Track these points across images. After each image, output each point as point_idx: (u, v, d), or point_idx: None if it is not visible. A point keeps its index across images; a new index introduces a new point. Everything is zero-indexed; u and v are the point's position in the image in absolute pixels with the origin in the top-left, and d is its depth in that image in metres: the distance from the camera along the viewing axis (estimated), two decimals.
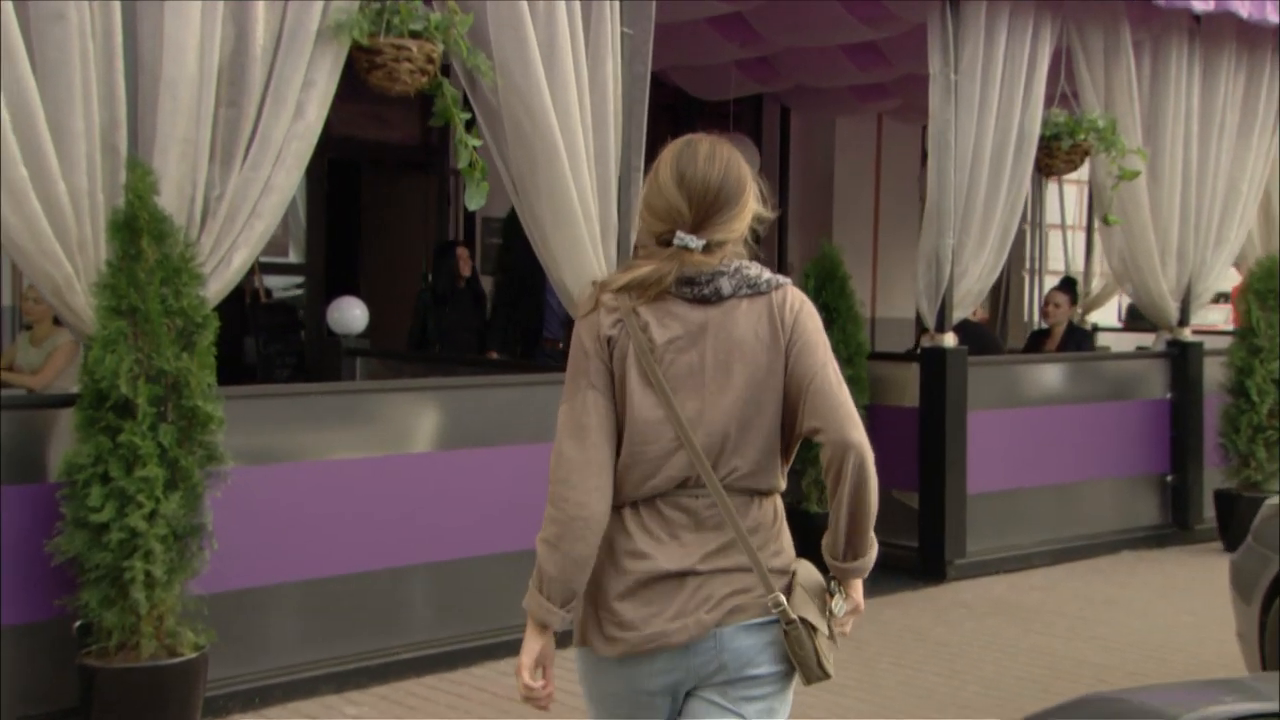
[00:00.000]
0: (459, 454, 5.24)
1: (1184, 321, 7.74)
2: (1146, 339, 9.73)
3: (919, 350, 6.89)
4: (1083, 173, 10.46)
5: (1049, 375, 7.39)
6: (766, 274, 2.35)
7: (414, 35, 4.73)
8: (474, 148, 5.01)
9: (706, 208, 2.29)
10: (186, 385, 4.01)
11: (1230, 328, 8.63)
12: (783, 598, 2.25)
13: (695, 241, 2.27)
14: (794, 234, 11.11)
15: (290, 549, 4.76)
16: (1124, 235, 7.48)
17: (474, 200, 5.06)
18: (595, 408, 2.28)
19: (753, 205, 2.35)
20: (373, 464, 4.99)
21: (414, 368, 7.24)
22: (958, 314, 6.80)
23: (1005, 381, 7.12)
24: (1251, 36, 7.73)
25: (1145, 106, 7.35)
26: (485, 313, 8.45)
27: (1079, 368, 7.53)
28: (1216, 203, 7.76)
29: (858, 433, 2.26)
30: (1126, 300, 11.82)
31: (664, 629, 2.24)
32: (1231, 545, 7.49)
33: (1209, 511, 7.74)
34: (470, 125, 5.04)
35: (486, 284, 9.24)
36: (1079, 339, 8.02)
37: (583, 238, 5.32)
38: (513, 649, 5.21)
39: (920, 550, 6.78)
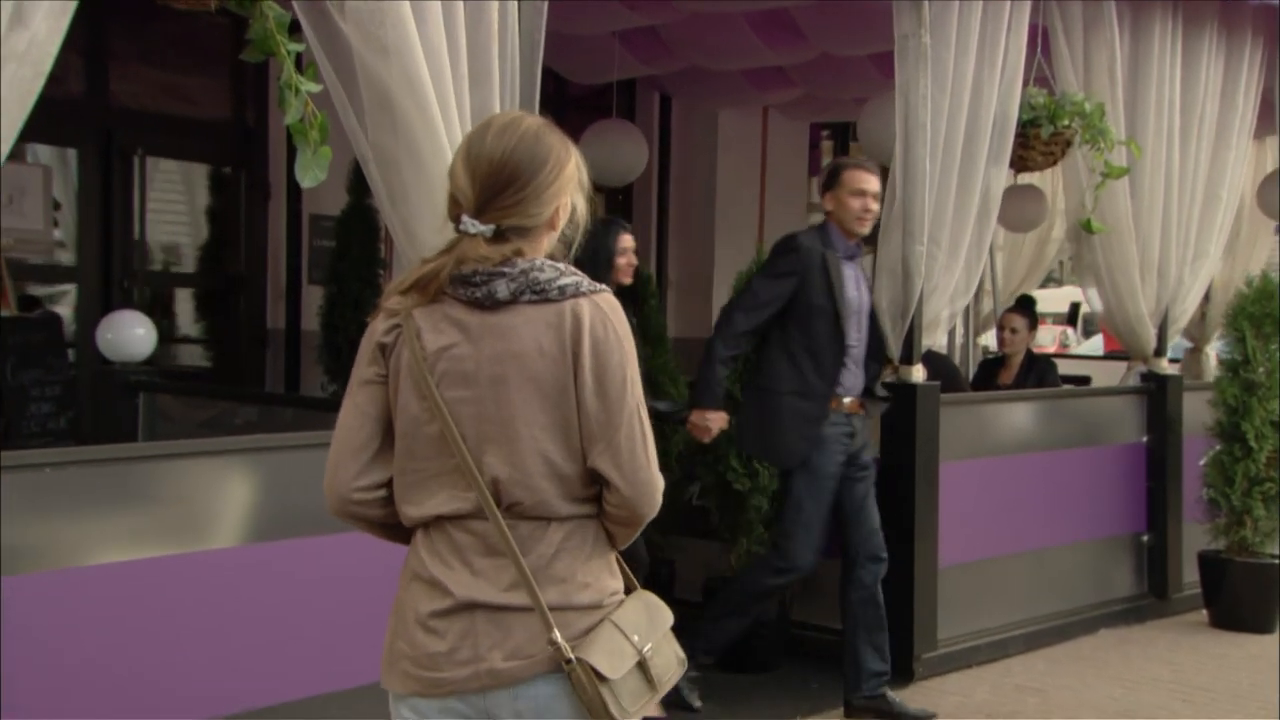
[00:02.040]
0: (283, 547, 3.56)
1: (1161, 351, 6.54)
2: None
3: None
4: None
5: (1020, 416, 6.06)
6: (567, 279, 2.07)
7: None
8: (308, 95, 3.37)
9: (490, 186, 2.05)
10: None
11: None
12: (558, 635, 2.01)
13: (475, 226, 2.05)
14: (674, 243, 9.64)
15: (17, 708, 3.01)
16: (1100, 247, 6.23)
17: (308, 172, 3.39)
18: (343, 421, 2.15)
19: (561, 190, 2.10)
20: (155, 568, 3.29)
21: (222, 407, 5.47)
22: (926, 340, 5.43)
23: (977, 425, 5.76)
24: (1231, 17, 6.60)
25: (1127, 91, 6.12)
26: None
27: (1050, 407, 6.23)
28: (1195, 210, 6.60)
29: (652, 505, 2.10)
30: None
31: (455, 675, 2.04)
32: (1221, 619, 6.33)
33: (1188, 574, 6.56)
34: (304, 64, 3.42)
35: (316, 295, 7.56)
36: (1041, 371, 6.73)
37: None
38: None
39: None
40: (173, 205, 7.43)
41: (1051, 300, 19.09)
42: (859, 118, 6.92)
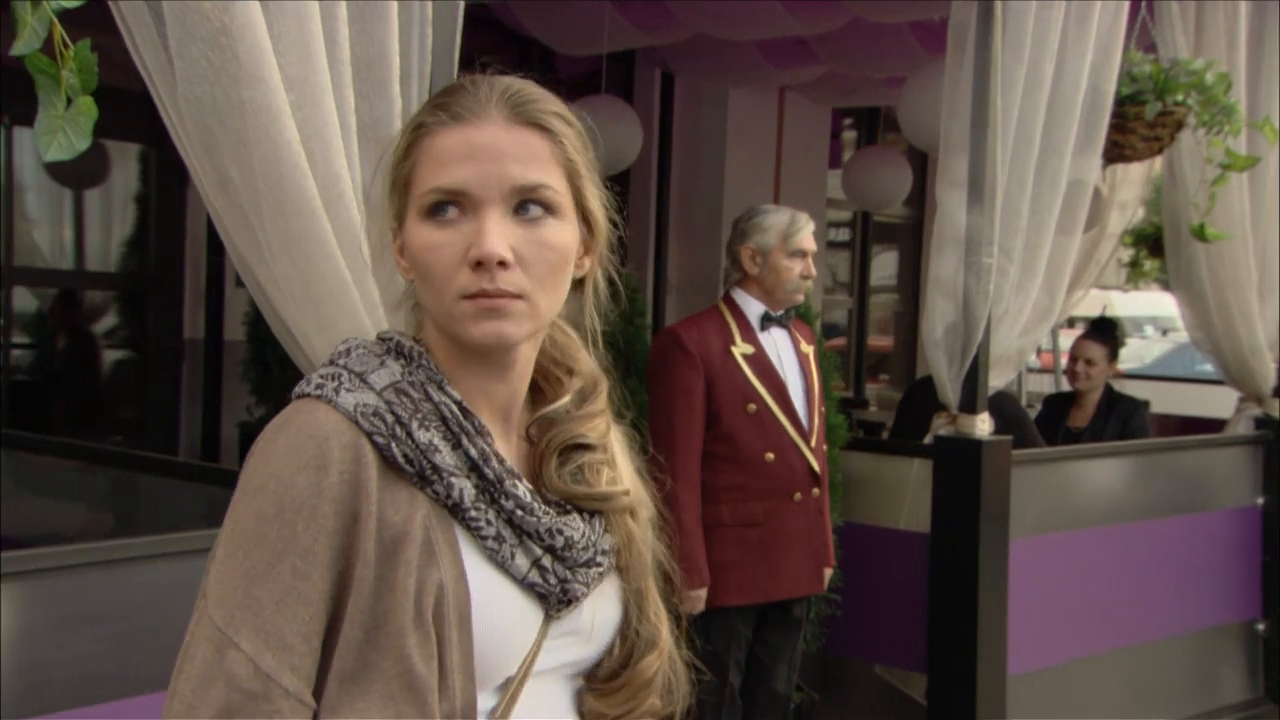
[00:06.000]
0: None
1: None
2: None
3: (932, 438, 4.16)
4: None
5: (1106, 476, 4.75)
6: (315, 374, 1.28)
7: None
8: (55, 16, 2.12)
9: None
10: None
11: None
12: None
13: None
14: (675, 241, 8.34)
15: None
16: (1206, 258, 4.92)
17: (53, 137, 2.17)
18: None
19: (390, 202, 1.34)
20: None
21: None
22: (994, 381, 4.14)
23: (1056, 489, 4.45)
24: None
25: (1250, 60, 4.81)
26: None
27: (1143, 463, 4.90)
28: None
29: None
30: None
31: None
32: None
33: None
34: None
35: (241, 300, 6.31)
36: (1125, 412, 5.41)
37: (330, 254, 2.46)
38: None
39: None
40: (59, 187, 6.14)
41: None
42: (902, 94, 5.63)
